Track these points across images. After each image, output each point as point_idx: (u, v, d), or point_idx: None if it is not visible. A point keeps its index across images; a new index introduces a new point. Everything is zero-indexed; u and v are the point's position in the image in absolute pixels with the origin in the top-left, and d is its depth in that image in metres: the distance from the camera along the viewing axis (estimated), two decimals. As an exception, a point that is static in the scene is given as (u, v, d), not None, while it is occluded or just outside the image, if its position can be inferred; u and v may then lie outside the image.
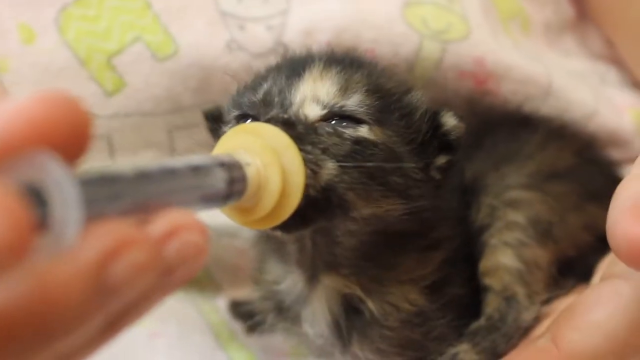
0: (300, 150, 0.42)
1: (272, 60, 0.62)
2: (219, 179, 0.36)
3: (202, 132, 0.61)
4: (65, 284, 0.27)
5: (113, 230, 0.28)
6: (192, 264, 0.32)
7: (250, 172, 0.39)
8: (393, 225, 0.49)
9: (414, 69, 0.64)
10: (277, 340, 0.63)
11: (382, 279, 0.51)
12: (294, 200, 0.40)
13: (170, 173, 0.33)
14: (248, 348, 0.66)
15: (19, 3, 0.63)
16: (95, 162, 0.62)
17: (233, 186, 0.37)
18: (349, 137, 0.47)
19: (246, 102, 0.50)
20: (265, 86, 0.49)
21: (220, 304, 0.68)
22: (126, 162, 0.31)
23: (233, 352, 0.66)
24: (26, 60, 0.62)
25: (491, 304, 0.54)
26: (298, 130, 0.44)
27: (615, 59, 0.77)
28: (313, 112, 0.47)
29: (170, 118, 0.65)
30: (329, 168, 0.44)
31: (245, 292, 0.65)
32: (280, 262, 0.54)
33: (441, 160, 0.51)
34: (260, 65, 0.62)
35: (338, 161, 0.45)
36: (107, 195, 0.29)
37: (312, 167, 0.43)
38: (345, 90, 0.49)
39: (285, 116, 0.46)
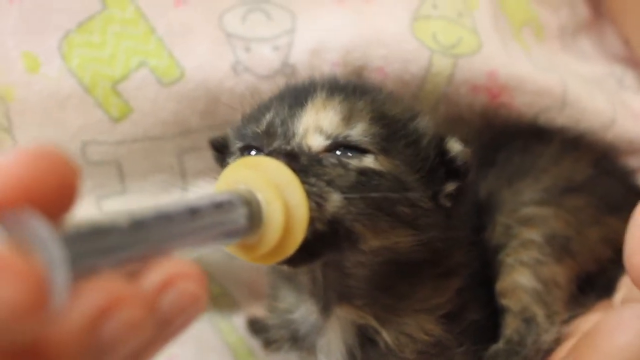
0: (304, 183, 0.41)
1: (279, 81, 0.62)
2: (217, 220, 0.35)
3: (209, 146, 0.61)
4: (56, 346, 0.26)
5: (105, 287, 0.27)
6: (189, 313, 0.31)
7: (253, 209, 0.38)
8: (404, 255, 0.48)
9: (425, 85, 0.63)
10: (295, 358, 0.62)
11: (397, 309, 0.50)
12: (298, 235, 0.39)
13: (166, 218, 0.32)
14: None
15: (22, 31, 0.62)
16: (106, 189, 0.64)
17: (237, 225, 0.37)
18: (354, 167, 0.46)
19: (249, 134, 0.49)
20: (268, 117, 0.49)
21: (237, 322, 0.67)
22: (121, 212, 0.30)
23: None
24: (32, 89, 0.62)
25: (510, 326, 0.52)
26: (301, 163, 0.43)
27: (633, 60, 0.75)
28: (316, 142, 0.47)
29: (179, 141, 0.64)
30: (334, 200, 0.44)
31: (263, 309, 0.64)
32: (293, 291, 0.53)
33: (450, 187, 0.50)
34: (267, 87, 0.62)
35: (343, 192, 0.44)
36: (99, 249, 0.28)
37: (316, 200, 0.42)
38: (348, 119, 0.48)
39: (288, 148, 0.45)
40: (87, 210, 0.64)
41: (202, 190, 0.64)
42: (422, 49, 0.63)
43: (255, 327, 0.64)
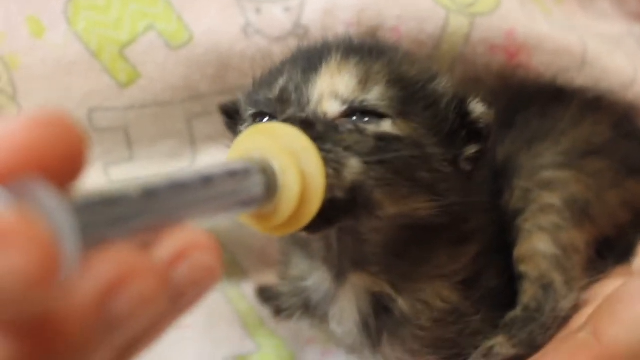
0: (321, 150, 0.40)
1: (291, 43, 0.60)
2: (231, 188, 0.34)
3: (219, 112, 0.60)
4: (65, 319, 0.25)
5: (116, 259, 0.26)
6: (203, 285, 0.30)
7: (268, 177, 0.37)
8: (421, 221, 0.47)
9: (441, 45, 0.61)
10: (306, 326, 0.62)
11: (413, 276, 0.49)
12: (314, 205, 0.38)
13: (178, 187, 0.31)
14: (276, 335, 0.65)
15: None
16: (114, 155, 0.62)
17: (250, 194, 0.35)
18: (371, 133, 0.44)
19: (262, 100, 0.48)
20: (280, 82, 0.47)
21: (246, 290, 0.67)
22: (133, 181, 0.29)
23: (262, 339, 0.65)
24: (37, 55, 0.60)
25: (527, 293, 0.51)
26: (317, 130, 0.42)
27: None
28: (332, 108, 0.45)
29: (189, 106, 0.63)
30: (353, 166, 0.42)
31: (272, 277, 0.63)
32: (306, 258, 0.52)
33: (471, 150, 0.48)
34: (279, 49, 0.60)
35: (361, 157, 0.43)
36: (110, 218, 0.27)
37: (334, 167, 0.41)
38: (365, 83, 0.46)
39: (304, 115, 0.43)
40: (94, 177, 0.63)
41: (211, 159, 0.63)
42: (438, 7, 0.61)
43: (265, 295, 0.63)
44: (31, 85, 0.61)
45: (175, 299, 0.29)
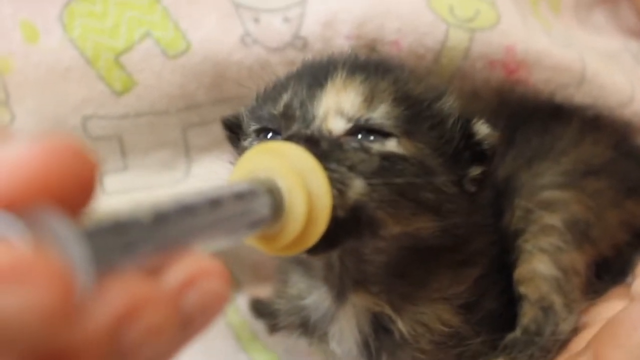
0: (326, 169, 0.39)
1: (290, 55, 0.59)
2: (239, 210, 0.33)
3: (219, 128, 0.59)
4: (78, 351, 0.24)
5: (127, 288, 0.26)
6: (212, 312, 0.30)
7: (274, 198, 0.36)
8: (424, 241, 0.47)
9: (440, 59, 0.61)
10: (301, 340, 0.61)
11: (414, 297, 0.49)
12: (321, 226, 0.37)
13: (187, 211, 0.30)
14: (270, 349, 0.65)
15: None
16: (107, 165, 0.61)
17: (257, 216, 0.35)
18: (376, 152, 0.44)
19: (266, 115, 0.47)
20: (285, 97, 0.46)
21: (240, 303, 0.66)
22: (142, 204, 0.29)
23: (255, 353, 0.65)
24: (30, 60, 0.59)
25: (527, 315, 0.51)
26: (322, 148, 0.41)
27: None
28: (337, 126, 0.44)
29: (185, 116, 0.62)
30: (357, 186, 0.42)
31: (266, 290, 0.63)
32: (306, 277, 0.51)
33: (475, 171, 0.48)
34: (278, 60, 0.59)
35: (366, 178, 0.42)
36: (122, 244, 0.27)
37: (338, 187, 0.40)
38: (371, 101, 0.45)
39: (308, 133, 0.43)
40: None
41: (206, 169, 0.62)
42: (438, 22, 0.60)
43: (259, 309, 0.63)
44: (24, 91, 0.60)
45: (184, 325, 0.29)
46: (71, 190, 0.25)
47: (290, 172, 0.37)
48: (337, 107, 0.45)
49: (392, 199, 0.43)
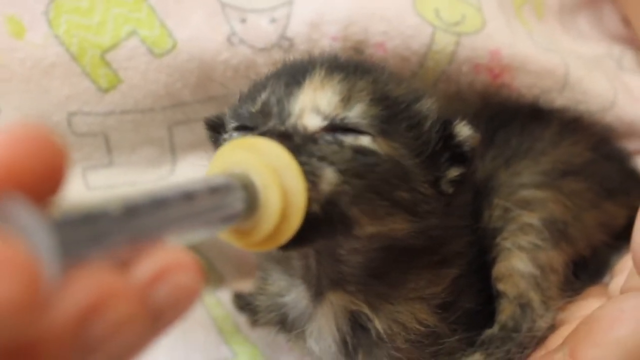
0: (298, 163, 0.39)
1: (276, 55, 0.60)
2: (213, 204, 0.34)
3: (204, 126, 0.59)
4: (43, 343, 0.25)
5: (94, 280, 0.26)
6: (183, 306, 0.30)
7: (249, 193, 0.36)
8: (400, 242, 0.47)
9: (426, 62, 0.61)
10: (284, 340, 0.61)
11: (390, 297, 0.49)
12: (295, 222, 0.38)
13: (160, 204, 0.30)
14: (252, 342, 0.65)
15: None
16: (92, 161, 0.62)
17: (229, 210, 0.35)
18: (349, 145, 0.44)
19: (245, 113, 0.47)
20: (263, 95, 0.47)
21: (223, 297, 0.66)
22: (113, 197, 0.29)
23: (237, 346, 0.65)
24: (16, 55, 0.59)
25: (505, 311, 0.52)
26: (295, 142, 0.42)
27: (631, 39, 0.74)
28: (312, 123, 0.45)
29: (170, 114, 0.62)
30: (328, 176, 0.42)
31: (249, 284, 0.63)
32: (285, 275, 0.52)
33: (453, 173, 0.48)
34: (263, 60, 0.60)
35: (338, 169, 0.42)
36: (90, 236, 0.27)
37: (311, 179, 0.40)
38: (348, 100, 0.46)
39: (282, 129, 0.43)
40: (72, 182, 0.62)
41: (191, 166, 0.63)
42: (424, 25, 0.61)
43: (241, 302, 0.63)
44: (9, 87, 0.60)
45: (154, 319, 0.29)
46: (40, 178, 0.25)
47: (266, 167, 0.37)
48: (313, 104, 0.45)
49: (366, 196, 0.43)
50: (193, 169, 0.63)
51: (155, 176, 0.64)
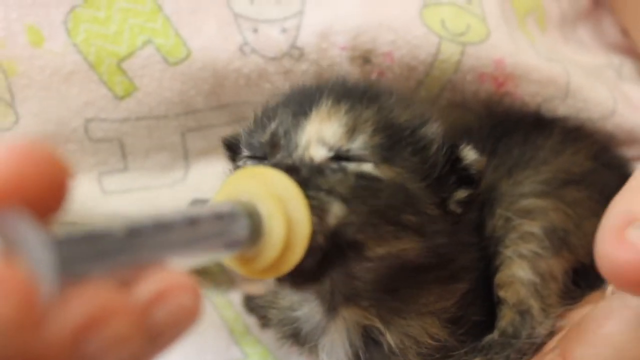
0: (305, 196, 0.40)
1: (287, 64, 0.61)
2: (217, 230, 0.35)
3: (216, 133, 0.61)
4: (38, 357, 0.25)
5: (93, 297, 0.27)
6: (182, 326, 0.31)
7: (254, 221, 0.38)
8: (410, 261, 0.48)
9: (432, 71, 0.63)
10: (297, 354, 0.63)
11: (402, 312, 0.50)
12: (298, 252, 0.39)
13: (163, 227, 0.31)
14: (262, 343, 0.66)
15: (27, 4, 0.61)
16: (108, 166, 0.64)
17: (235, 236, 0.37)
18: (352, 171, 0.45)
19: (255, 144, 0.49)
20: (272, 126, 0.48)
21: (233, 298, 0.68)
22: (118, 218, 0.30)
23: (247, 347, 0.66)
24: (35, 63, 0.61)
25: (505, 318, 0.53)
26: (302, 175, 0.43)
27: (630, 49, 0.75)
28: (319, 154, 0.46)
29: (183, 120, 0.64)
30: (336, 210, 0.43)
31: (259, 286, 0.64)
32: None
33: (461, 194, 0.50)
34: (275, 69, 0.62)
35: (344, 201, 0.43)
36: (91, 254, 0.28)
37: (318, 213, 0.42)
38: (352, 131, 0.47)
39: (290, 162, 0.45)
40: (88, 187, 0.64)
41: (204, 172, 0.64)
42: (431, 35, 0.62)
43: (251, 304, 0.65)
44: (29, 93, 0.62)
45: (153, 338, 0.30)
46: (43, 195, 0.26)
47: (272, 197, 0.38)
48: (319, 135, 0.46)
49: (372, 222, 0.44)
50: (205, 174, 0.65)
51: (169, 180, 0.66)
